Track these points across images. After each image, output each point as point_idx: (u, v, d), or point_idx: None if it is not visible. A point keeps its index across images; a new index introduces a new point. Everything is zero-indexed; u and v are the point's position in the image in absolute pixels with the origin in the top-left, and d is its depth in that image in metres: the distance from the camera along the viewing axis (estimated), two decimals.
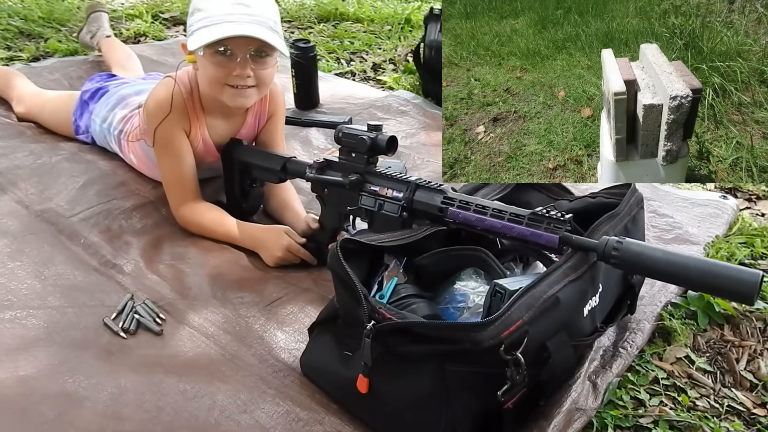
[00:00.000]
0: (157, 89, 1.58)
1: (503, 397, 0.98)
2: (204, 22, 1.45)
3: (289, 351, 1.28)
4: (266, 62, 1.51)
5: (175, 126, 1.57)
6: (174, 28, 3.30)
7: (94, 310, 1.36)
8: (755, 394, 1.28)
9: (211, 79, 1.50)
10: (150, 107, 1.57)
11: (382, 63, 2.91)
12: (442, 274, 1.27)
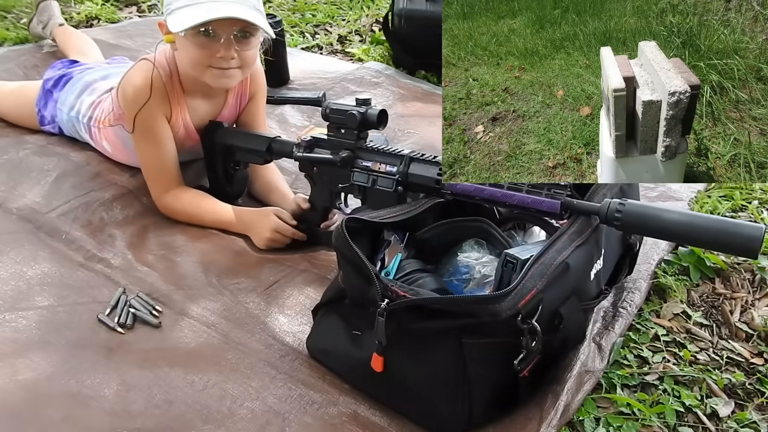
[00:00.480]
0: (134, 73, 1.52)
1: (519, 365, 0.99)
2: (184, 1, 1.39)
3: (293, 334, 1.26)
4: (250, 42, 1.46)
5: (156, 111, 1.51)
6: (127, 10, 3.18)
7: (86, 307, 1.32)
8: (751, 344, 1.31)
9: (194, 61, 1.45)
10: (128, 92, 1.51)
11: (347, 35, 2.86)
12: (442, 246, 1.27)
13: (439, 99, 2.23)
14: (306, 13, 3.08)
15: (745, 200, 1.78)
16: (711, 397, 1.18)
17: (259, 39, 1.48)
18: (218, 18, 1.36)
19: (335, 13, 3.08)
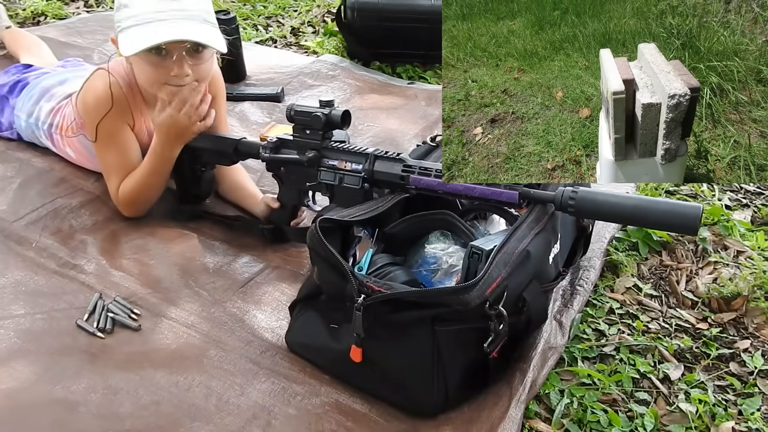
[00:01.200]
0: (93, 83, 1.53)
1: (489, 348, 1.07)
2: (133, 20, 1.39)
3: (272, 330, 1.32)
4: (203, 56, 1.47)
5: (118, 120, 1.53)
6: (74, 5, 3.13)
7: (64, 314, 1.35)
8: (696, 310, 1.43)
9: (149, 79, 1.47)
10: (88, 103, 1.52)
11: (300, 26, 2.88)
12: (409, 239, 1.34)
13: (396, 90, 2.29)
14: (257, 4, 3.09)
15: None
16: (663, 363, 1.29)
17: (212, 51, 1.49)
18: (167, 42, 1.37)
19: (286, 4, 3.09)
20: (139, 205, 1.59)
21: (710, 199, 1.81)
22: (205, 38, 1.41)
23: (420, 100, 2.22)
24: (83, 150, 1.70)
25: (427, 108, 2.17)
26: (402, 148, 1.91)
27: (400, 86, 2.34)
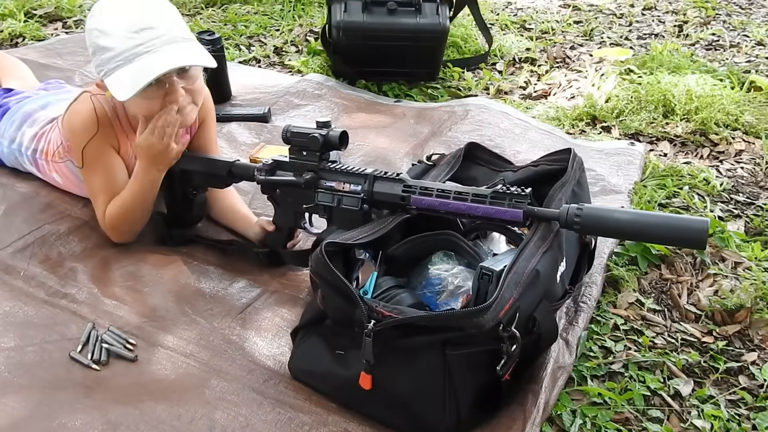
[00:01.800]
0: (77, 107, 1.49)
1: (501, 370, 1.05)
2: (115, 61, 1.35)
3: (273, 357, 1.28)
4: (193, 75, 1.44)
5: (104, 144, 1.49)
6: (51, 26, 3.07)
7: (56, 345, 1.30)
8: (701, 324, 1.42)
9: (146, 112, 1.43)
10: (74, 127, 1.48)
11: (283, 46, 2.86)
12: (412, 260, 1.31)
13: (383, 108, 2.28)
14: (238, 24, 3.06)
15: (677, 186, 1.90)
16: (672, 378, 1.28)
17: (200, 67, 1.46)
18: (158, 76, 1.33)
19: (268, 24, 3.07)
20: (126, 229, 1.55)
21: (702, 211, 1.81)
22: (194, 59, 1.39)
23: (408, 118, 2.21)
24: (70, 175, 1.65)
25: (417, 126, 2.16)
26: (394, 167, 1.89)
27: (388, 104, 2.33)
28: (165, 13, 1.41)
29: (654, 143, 2.20)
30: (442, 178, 1.45)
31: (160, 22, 1.37)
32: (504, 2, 3.50)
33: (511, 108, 2.26)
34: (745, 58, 2.81)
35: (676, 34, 3.10)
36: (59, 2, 3.18)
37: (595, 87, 2.41)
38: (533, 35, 3.03)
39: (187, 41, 1.41)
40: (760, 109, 2.30)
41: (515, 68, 2.71)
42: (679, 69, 2.50)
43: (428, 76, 2.52)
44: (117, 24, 1.35)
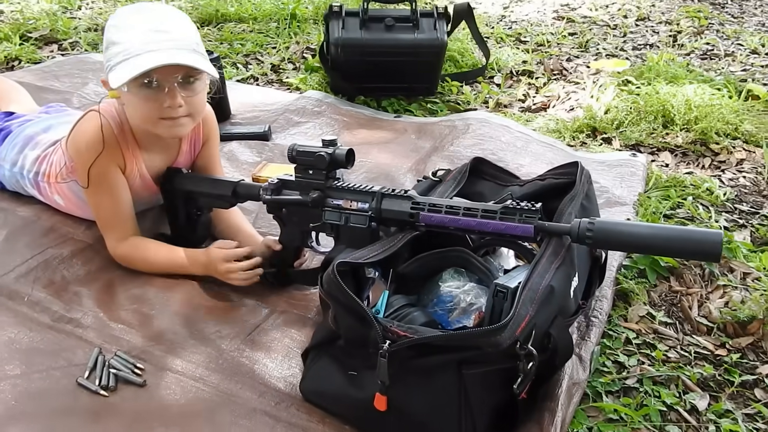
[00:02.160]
0: (83, 126, 1.49)
1: (518, 389, 1.03)
2: (122, 55, 1.36)
3: (284, 379, 1.26)
4: (196, 88, 1.44)
5: (109, 163, 1.48)
6: (47, 48, 3.07)
7: (63, 372, 1.28)
8: (713, 336, 1.41)
9: (142, 115, 1.43)
10: (80, 145, 1.47)
11: (280, 63, 2.86)
12: (421, 277, 1.30)
13: (384, 124, 2.27)
14: (234, 42, 3.06)
15: (681, 197, 1.90)
16: (688, 393, 1.27)
17: (205, 82, 1.46)
18: (156, 66, 1.33)
19: (264, 42, 3.07)
20: (137, 268, 1.55)
21: (708, 221, 1.81)
22: (197, 64, 1.37)
23: (410, 133, 2.21)
24: (73, 197, 1.64)
25: (418, 141, 2.16)
26: (397, 183, 1.88)
27: (388, 120, 2.32)
28: (184, 24, 1.42)
29: (655, 154, 2.20)
30: (449, 194, 1.44)
31: (175, 29, 1.38)
32: (498, 16, 3.52)
33: (511, 121, 2.26)
34: (740, 67, 2.83)
35: (670, 44, 3.12)
36: (54, 24, 3.19)
37: (594, 98, 2.42)
38: (529, 48, 3.04)
39: (197, 53, 1.40)
40: (759, 117, 2.31)
41: (513, 81, 2.72)
42: (676, 79, 2.51)
43: (427, 90, 2.52)
44: (134, 22, 1.37)
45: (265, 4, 3.47)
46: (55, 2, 3.51)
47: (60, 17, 3.28)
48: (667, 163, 2.15)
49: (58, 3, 3.51)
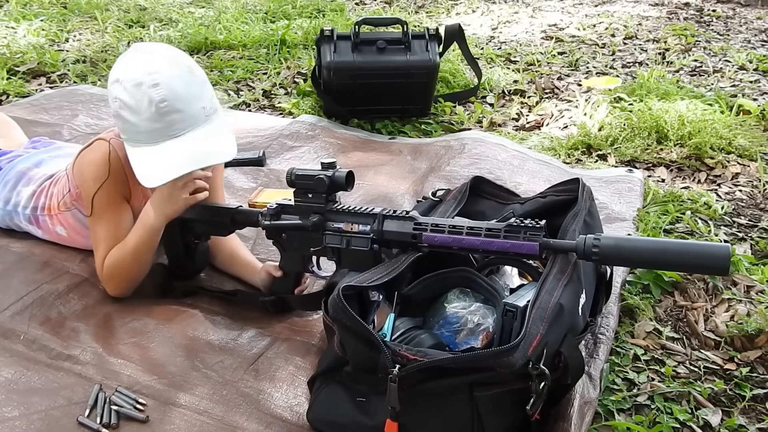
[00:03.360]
0: (90, 154, 1.47)
1: (531, 409, 1.01)
2: (140, 136, 1.34)
3: (291, 408, 1.24)
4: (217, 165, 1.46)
5: (115, 193, 1.47)
6: (35, 81, 3.06)
7: (63, 411, 1.24)
8: (721, 350, 1.40)
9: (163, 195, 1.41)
10: (86, 173, 1.46)
11: (271, 89, 2.86)
12: (426, 299, 1.29)
13: (379, 146, 2.27)
14: (224, 69, 3.06)
15: (679, 212, 1.90)
16: (700, 409, 1.25)
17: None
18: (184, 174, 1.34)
19: (254, 68, 3.07)
20: (122, 280, 1.50)
21: (707, 235, 1.81)
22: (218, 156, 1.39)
23: (405, 154, 2.20)
24: (76, 224, 1.61)
25: (414, 162, 2.15)
26: (395, 204, 1.87)
27: (382, 142, 2.32)
28: (190, 87, 1.34)
29: (651, 169, 2.20)
30: (450, 213, 1.43)
31: (184, 104, 1.33)
32: (487, 37, 3.55)
33: (506, 140, 2.26)
34: (729, 83, 2.85)
35: (659, 61, 3.15)
36: (42, 58, 3.18)
37: (587, 116, 2.43)
38: (519, 67, 3.06)
39: (210, 122, 1.38)
40: (752, 132, 2.33)
41: (505, 100, 2.73)
42: (668, 95, 2.53)
43: (420, 111, 2.52)
44: (140, 100, 1.30)
45: (254, 31, 3.48)
46: (42, 35, 3.50)
47: (48, 50, 3.27)
48: (663, 178, 2.15)
49: (45, 36, 3.50)
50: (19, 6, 3.98)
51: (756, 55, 3.15)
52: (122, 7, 3.99)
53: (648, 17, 3.84)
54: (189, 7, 4.05)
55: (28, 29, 3.54)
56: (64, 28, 3.65)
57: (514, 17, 3.89)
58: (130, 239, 1.47)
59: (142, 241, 1.46)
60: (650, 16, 3.88)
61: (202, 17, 3.82)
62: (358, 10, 4.10)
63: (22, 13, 3.83)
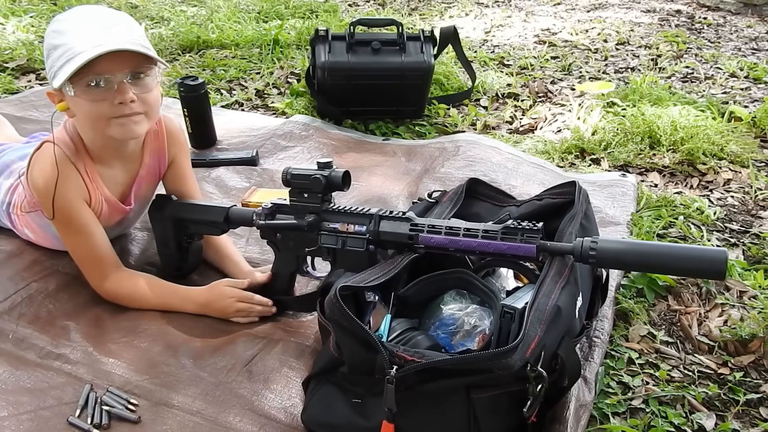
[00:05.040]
0: (38, 163, 1.42)
1: (528, 412, 1.01)
2: (66, 56, 1.29)
3: (285, 409, 1.22)
4: (146, 84, 1.36)
5: (74, 198, 1.42)
6: (24, 78, 3.02)
7: (53, 411, 1.23)
8: (715, 355, 1.40)
9: (92, 119, 1.35)
10: (37, 180, 1.41)
11: (265, 88, 2.84)
12: (422, 300, 1.28)
13: (373, 147, 2.26)
14: (217, 68, 3.04)
15: (672, 216, 1.90)
16: (694, 413, 1.25)
17: (155, 79, 1.39)
18: (101, 54, 1.26)
19: (247, 67, 3.06)
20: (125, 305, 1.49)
21: (700, 240, 1.81)
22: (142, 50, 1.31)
23: (399, 155, 2.19)
24: (39, 230, 1.58)
25: (408, 163, 2.14)
26: (390, 206, 1.86)
27: (376, 143, 2.31)
28: (127, 21, 1.36)
29: (644, 174, 2.21)
30: (446, 215, 1.42)
31: (118, 26, 1.32)
32: (480, 40, 3.55)
33: (500, 143, 2.25)
34: (721, 90, 2.87)
35: (651, 67, 3.16)
36: (31, 54, 3.14)
37: (580, 120, 2.43)
38: (513, 71, 3.06)
39: (144, 48, 1.33)
40: (743, 138, 2.34)
41: (499, 103, 2.73)
42: (660, 101, 2.54)
43: (414, 113, 2.51)
44: (76, 24, 1.31)
45: (246, 31, 3.46)
46: (32, 32, 3.47)
47: (37, 46, 3.23)
48: (655, 183, 2.16)
49: (35, 33, 3.47)
50: (8, 2, 3.94)
51: (747, 62, 3.17)
52: (113, 5, 3.95)
53: (640, 23, 3.86)
54: (181, 6, 4.03)
55: (17, 25, 3.51)
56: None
57: (507, 21, 3.89)
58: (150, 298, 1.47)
59: (165, 305, 1.48)
60: (642, 22, 3.89)
61: (195, 16, 3.79)
62: (351, 12, 4.08)
63: (11, 9, 3.79)
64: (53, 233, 1.52)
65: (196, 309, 1.46)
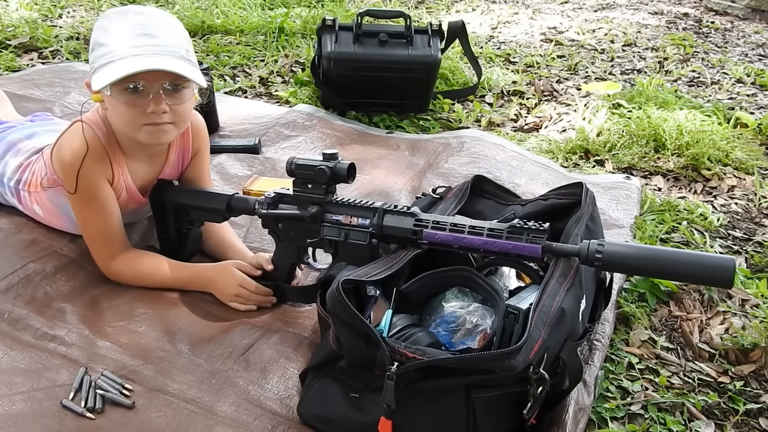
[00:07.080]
0: (68, 138, 1.43)
1: (528, 414, 1.00)
2: (107, 57, 1.31)
3: (281, 401, 1.21)
4: (182, 96, 1.38)
5: (98, 176, 1.43)
6: (26, 56, 2.99)
7: (46, 393, 1.21)
8: (715, 363, 1.39)
9: (124, 120, 1.37)
10: (66, 156, 1.41)
11: (269, 76, 2.82)
12: (423, 297, 1.27)
13: (376, 139, 2.24)
14: (221, 54, 3.02)
15: (675, 221, 1.89)
16: (693, 421, 1.24)
17: (192, 91, 1.41)
18: (139, 72, 1.28)
19: (251, 54, 3.03)
20: (133, 284, 1.49)
21: (703, 247, 1.80)
22: (183, 71, 1.32)
23: (403, 149, 2.18)
24: (52, 207, 1.57)
25: (412, 158, 2.13)
26: (392, 199, 1.85)
27: (380, 136, 2.29)
28: (174, 29, 1.37)
29: (647, 177, 2.20)
30: (451, 211, 1.41)
31: (165, 34, 1.33)
32: (486, 36, 3.53)
33: (505, 140, 2.24)
34: (727, 95, 2.86)
35: (657, 69, 3.14)
36: (34, 32, 3.11)
37: (586, 121, 2.42)
38: (518, 68, 3.04)
39: (185, 60, 1.35)
40: (749, 145, 2.33)
41: (504, 101, 2.71)
42: (666, 104, 2.53)
43: (418, 107, 2.50)
44: (122, 25, 1.32)
45: (252, 17, 3.43)
46: (35, 10, 3.44)
47: (40, 25, 3.21)
48: (659, 187, 2.15)
49: (38, 11, 3.44)
50: None
51: (753, 68, 3.16)
52: None
53: (647, 25, 3.85)
54: None
55: (20, 3, 3.47)
56: (57, 3, 3.58)
57: (514, 18, 3.87)
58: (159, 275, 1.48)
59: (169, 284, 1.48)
60: (649, 24, 3.88)
61: (199, 0, 3.76)
62: (357, 2, 4.06)
63: None
64: (66, 213, 1.52)
65: (202, 284, 1.46)
